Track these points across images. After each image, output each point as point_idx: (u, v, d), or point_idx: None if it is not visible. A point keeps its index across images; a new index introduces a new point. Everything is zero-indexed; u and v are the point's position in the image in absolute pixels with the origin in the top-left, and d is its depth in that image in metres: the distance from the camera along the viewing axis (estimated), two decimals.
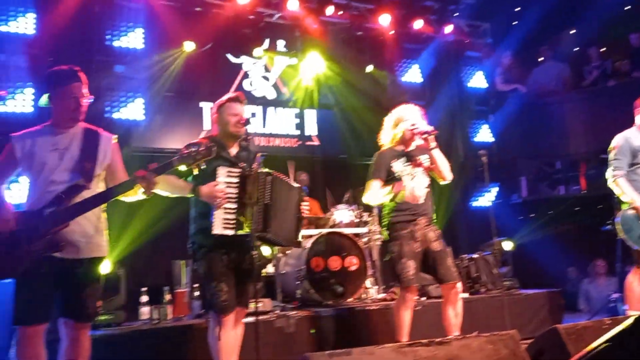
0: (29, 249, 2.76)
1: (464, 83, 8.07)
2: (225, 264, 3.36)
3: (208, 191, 3.25)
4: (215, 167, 3.31)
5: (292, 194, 3.56)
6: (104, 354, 3.81)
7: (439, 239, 4.04)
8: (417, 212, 3.99)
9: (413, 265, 3.90)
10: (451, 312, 3.98)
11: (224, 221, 3.25)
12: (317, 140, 7.30)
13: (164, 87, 6.36)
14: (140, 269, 5.66)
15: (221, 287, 3.31)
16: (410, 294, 3.97)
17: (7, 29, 5.47)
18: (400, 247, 3.92)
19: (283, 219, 3.47)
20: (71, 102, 2.98)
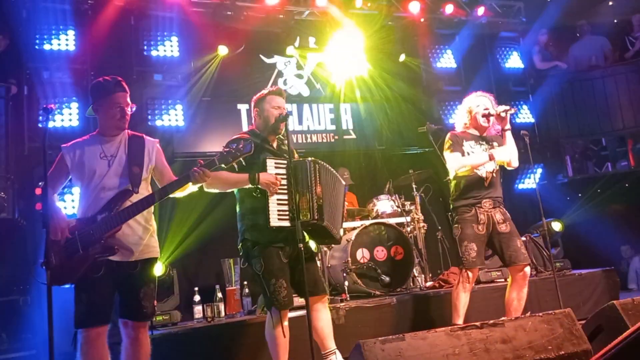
0: (85, 254, 2.88)
1: (501, 65, 7.92)
2: (281, 260, 3.37)
3: (267, 177, 3.29)
4: (263, 158, 3.36)
5: (340, 186, 3.61)
6: (163, 353, 3.95)
7: (508, 221, 4.02)
8: (480, 196, 4.00)
9: (475, 248, 3.92)
10: (514, 295, 3.96)
11: (279, 213, 3.27)
12: (353, 133, 7.31)
13: (201, 92, 6.50)
14: (192, 269, 5.83)
15: (281, 283, 3.32)
16: (471, 275, 3.99)
17: (50, 47, 5.71)
18: (462, 230, 3.97)
19: (333, 208, 3.49)
20: (116, 111, 3.10)
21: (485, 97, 4.19)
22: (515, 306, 3.96)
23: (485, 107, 4.10)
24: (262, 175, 3.30)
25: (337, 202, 3.55)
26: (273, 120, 3.50)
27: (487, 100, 4.17)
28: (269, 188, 3.28)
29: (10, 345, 5.25)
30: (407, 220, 5.76)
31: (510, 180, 7.61)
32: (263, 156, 3.37)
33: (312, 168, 3.39)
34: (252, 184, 3.31)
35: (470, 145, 4.07)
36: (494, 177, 4.06)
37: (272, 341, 3.39)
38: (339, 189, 3.58)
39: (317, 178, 3.39)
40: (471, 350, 3.00)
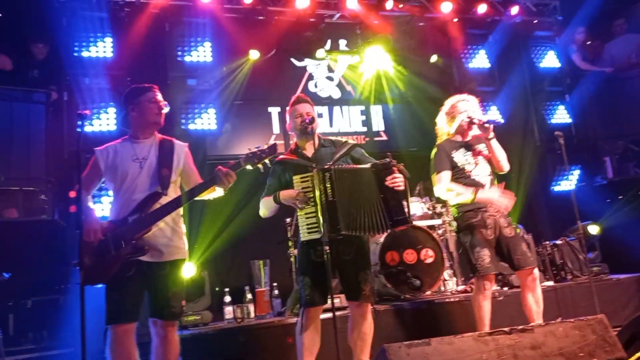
0: (117, 255, 2.99)
1: (536, 64, 7.74)
2: (310, 258, 3.38)
3: (286, 194, 3.36)
4: (291, 177, 3.41)
5: (362, 178, 3.37)
6: (194, 353, 4.03)
7: (510, 225, 3.95)
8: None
9: (488, 253, 3.82)
10: (531, 299, 3.87)
11: (308, 227, 3.31)
12: (385, 135, 7.29)
13: (234, 96, 6.59)
14: (222, 270, 5.92)
15: (306, 281, 3.38)
16: (488, 282, 3.88)
17: (89, 54, 5.90)
18: (472, 236, 3.87)
19: (355, 208, 3.32)
20: (154, 106, 3.23)
21: (468, 102, 4.07)
22: (535, 310, 3.86)
23: (468, 115, 3.97)
24: (281, 194, 3.38)
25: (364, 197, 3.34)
26: (298, 127, 3.58)
27: (471, 105, 4.05)
28: (292, 205, 3.35)
29: (50, 342, 5.43)
30: (438, 223, 5.71)
31: (546, 182, 7.45)
32: (291, 173, 3.43)
33: (322, 179, 3.29)
34: (277, 203, 3.42)
35: (461, 154, 3.99)
36: (492, 180, 4.00)
37: (297, 342, 3.44)
38: (363, 183, 3.36)
39: (327, 187, 3.28)
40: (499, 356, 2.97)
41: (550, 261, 5.64)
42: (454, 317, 4.79)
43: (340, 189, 3.31)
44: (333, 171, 3.33)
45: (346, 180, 3.35)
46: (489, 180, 3.97)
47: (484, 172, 3.98)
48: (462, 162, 3.98)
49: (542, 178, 7.40)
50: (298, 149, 3.63)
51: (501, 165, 4.00)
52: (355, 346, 3.47)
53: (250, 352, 4.28)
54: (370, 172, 3.39)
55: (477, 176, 3.95)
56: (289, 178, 3.43)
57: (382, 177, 3.33)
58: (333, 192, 3.29)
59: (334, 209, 3.27)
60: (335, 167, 3.36)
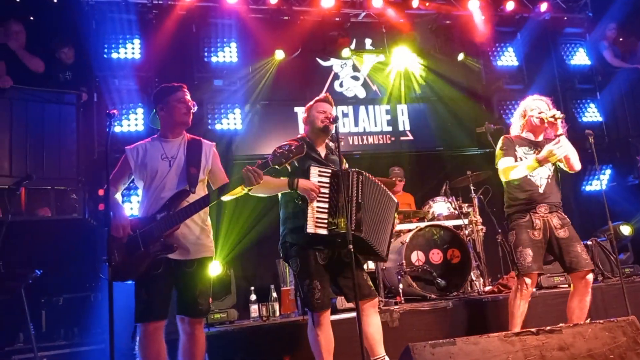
0: (146, 252, 3.03)
1: (565, 62, 7.61)
2: (317, 262, 3.39)
3: (306, 184, 3.32)
4: (308, 166, 3.40)
5: (386, 200, 3.52)
6: (220, 350, 4.07)
7: (566, 225, 3.86)
8: (535, 200, 3.87)
9: (530, 253, 3.79)
10: (576, 303, 3.80)
11: (317, 220, 3.29)
12: (410, 134, 7.25)
13: (259, 96, 6.66)
14: (248, 269, 5.97)
15: (315, 284, 3.35)
16: (529, 282, 3.84)
17: (118, 56, 6.02)
18: (516, 235, 3.86)
19: (376, 223, 3.43)
20: (182, 106, 3.27)
21: (541, 101, 4.02)
22: (577, 315, 3.79)
23: (540, 111, 3.94)
24: (301, 181, 3.34)
25: (382, 217, 3.48)
26: (318, 123, 3.56)
27: (542, 104, 4.01)
28: (307, 194, 3.32)
29: (81, 339, 5.55)
30: (465, 223, 5.65)
31: (577, 182, 7.31)
32: (308, 164, 3.41)
33: (355, 179, 3.35)
34: (291, 189, 3.37)
35: (523, 150, 3.94)
36: (549, 183, 3.92)
37: (311, 342, 3.44)
38: (386, 204, 3.52)
39: (359, 190, 3.34)
40: (526, 357, 2.93)
41: None
42: (480, 317, 4.72)
43: (366, 195, 3.39)
44: (364, 177, 3.41)
45: (372, 191, 3.45)
46: (545, 182, 3.90)
47: (542, 174, 3.91)
48: (522, 158, 3.92)
49: (572, 178, 7.24)
50: (311, 143, 3.60)
51: (572, 163, 3.91)
52: (374, 341, 3.46)
53: (275, 351, 4.29)
54: (393, 203, 3.60)
55: (532, 177, 3.89)
56: (305, 166, 3.41)
57: (395, 213, 3.60)
58: (362, 195, 3.36)
59: (360, 211, 3.33)
60: (367, 175, 3.44)
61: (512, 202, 3.96)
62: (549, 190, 3.91)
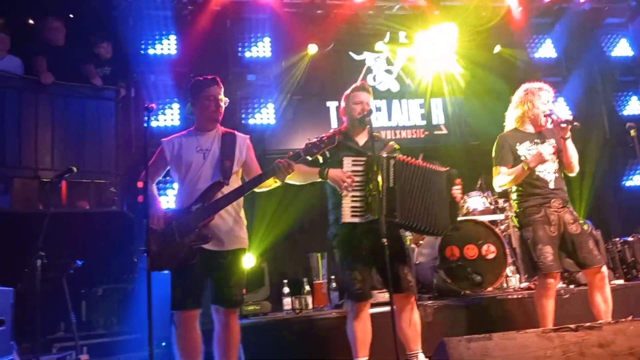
0: (182, 243, 3.09)
1: (606, 53, 7.40)
2: (359, 252, 3.40)
3: (335, 173, 3.33)
4: (342, 157, 3.40)
5: (430, 177, 3.43)
6: (253, 341, 4.12)
7: (577, 221, 3.76)
8: (548, 195, 3.76)
9: (550, 251, 3.66)
10: (599, 297, 3.69)
11: (352, 209, 3.30)
12: (444, 128, 7.16)
13: (292, 91, 6.68)
14: (281, 262, 6.01)
15: (355, 275, 3.37)
16: (552, 280, 3.71)
17: (154, 52, 6.13)
18: (534, 232, 3.71)
19: (420, 203, 3.37)
20: (211, 103, 3.31)
21: (548, 92, 3.86)
22: (604, 309, 3.67)
23: (549, 110, 3.79)
24: (331, 171, 3.35)
25: (425, 195, 3.40)
26: (355, 115, 3.56)
27: (550, 96, 3.86)
28: (337, 184, 3.32)
29: (119, 328, 5.69)
30: (500, 218, 5.55)
31: (617, 177, 7.10)
32: (343, 154, 3.42)
33: (385, 164, 3.32)
34: (321, 178, 3.39)
35: (525, 147, 3.81)
36: (557, 177, 3.80)
37: (349, 333, 3.45)
38: (428, 181, 3.42)
39: (390, 174, 3.31)
40: (564, 354, 2.86)
41: (620, 259, 5.38)
42: (516, 314, 4.65)
43: (401, 179, 3.34)
44: (397, 161, 3.36)
45: (407, 173, 3.39)
46: (554, 177, 3.80)
47: (549, 169, 3.80)
48: (526, 155, 3.81)
49: (612, 172, 7.06)
50: (348, 133, 3.60)
51: (572, 166, 3.83)
52: (408, 338, 3.45)
53: (308, 343, 4.31)
54: (443, 175, 3.49)
55: (541, 172, 3.78)
56: (338, 158, 3.41)
57: (450, 184, 3.48)
58: (394, 179, 3.32)
59: (393, 196, 3.29)
60: (400, 158, 3.41)
61: (524, 197, 3.81)
62: (558, 185, 3.80)
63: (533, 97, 3.87)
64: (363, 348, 3.42)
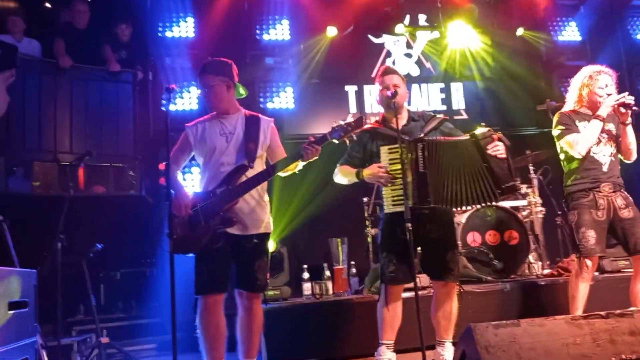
0: (207, 226, 3.06)
1: (632, 36, 7.22)
2: (397, 236, 3.26)
3: (370, 172, 3.30)
4: (378, 148, 3.35)
5: (461, 150, 3.25)
6: (274, 326, 4.10)
7: (630, 206, 3.67)
8: (599, 179, 3.68)
9: (594, 235, 3.60)
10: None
11: (393, 199, 3.24)
12: (465, 113, 7.04)
13: (310, 75, 6.59)
14: (301, 247, 5.99)
15: (390, 258, 3.33)
16: (591, 264, 3.66)
17: (172, 34, 6.08)
18: (578, 216, 3.67)
19: (451, 181, 3.20)
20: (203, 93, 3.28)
21: (607, 75, 3.76)
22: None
23: (608, 93, 3.69)
24: (364, 171, 3.32)
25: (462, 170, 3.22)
26: (382, 100, 3.52)
27: (609, 79, 3.75)
28: (377, 182, 3.30)
29: (138, 312, 5.73)
30: (523, 204, 5.46)
31: None
32: (379, 144, 3.37)
33: (414, 149, 3.23)
34: (358, 179, 3.38)
35: (584, 126, 3.71)
36: (612, 161, 3.71)
37: (378, 314, 3.43)
38: (463, 155, 3.24)
39: (419, 159, 3.22)
40: (594, 341, 2.79)
41: None
42: (539, 301, 4.58)
43: (432, 161, 3.23)
44: (426, 142, 3.26)
45: (441, 152, 3.25)
46: (609, 160, 3.71)
47: (605, 152, 3.72)
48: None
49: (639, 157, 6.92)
50: (385, 121, 3.54)
51: (630, 153, 3.75)
52: (439, 325, 3.42)
53: (327, 328, 4.30)
54: (470, 143, 3.26)
55: (596, 154, 3.70)
56: (376, 148, 3.38)
57: (483, 146, 3.22)
58: (424, 163, 3.23)
59: (424, 181, 3.21)
60: (429, 139, 3.29)
61: (573, 180, 3.75)
62: (612, 168, 3.71)
63: (592, 80, 3.79)
64: (390, 331, 3.40)
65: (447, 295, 3.39)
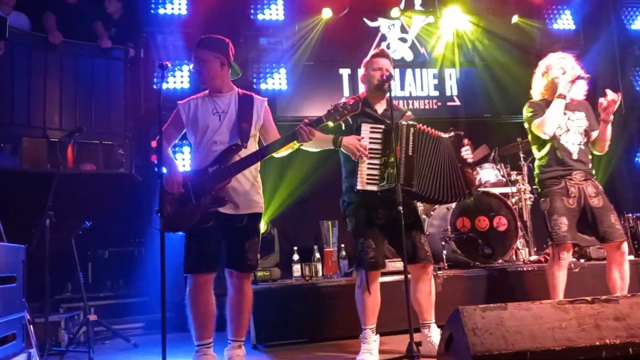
0: (198, 204, 3.05)
1: (626, 26, 7.21)
2: (373, 221, 3.37)
3: (350, 142, 3.27)
4: (360, 123, 3.35)
5: (443, 145, 3.40)
6: (262, 307, 4.13)
7: (600, 194, 3.71)
8: (570, 167, 3.72)
9: (565, 222, 3.64)
10: (616, 274, 3.66)
11: (367, 177, 3.26)
12: (458, 100, 7.03)
13: (305, 56, 6.52)
14: (291, 229, 5.99)
15: (369, 243, 3.35)
16: (564, 252, 3.70)
17: (164, 11, 5.98)
18: (550, 203, 3.70)
19: (434, 172, 3.33)
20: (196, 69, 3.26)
21: (565, 59, 3.80)
22: (620, 285, 3.66)
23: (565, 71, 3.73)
24: (345, 139, 3.29)
25: (441, 164, 3.37)
26: (375, 82, 3.50)
27: (567, 63, 3.79)
28: (351, 153, 3.27)
29: (127, 290, 5.72)
30: (513, 191, 5.50)
31: (631, 153, 7.02)
32: (361, 120, 3.37)
33: (405, 132, 3.28)
34: (335, 146, 3.34)
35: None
36: (581, 149, 3.76)
37: (358, 301, 3.44)
38: (443, 150, 3.39)
39: (409, 142, 3.27)
40: (580, 325, 2.82)
41: (632, 234, 5.34)
42: (525, 286, 4.65)
43: (419, 148, 3.31)
44: (416, 129, 3.32)
45: (427, 142, 3.36)
46: (578, 149, 3.76)
47: (574, 140, 3.77)
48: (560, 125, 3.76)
49: (627, 148, 6.97)
50: (367, 102, 3.52)
51: (603, 146, 3.81)
52: (422, 308, 3.47)
53: (316, 310, 4.32)
54: (449, 141, 3.43)
55: (566, 142, 3.75)
56: (357, 124, 3.36)
57: (458, 147, 3.42)
58: (413, 148, 3.28)
59: (411, 165, 3.25)
60: (420, 125, 3.36)
61: (545, 168, 3.79)
62: (582, 156, 3.76)
63: (551, 68, 3.83)
64: (372, 316, 3.44)
65: (427, 277, 3.46)
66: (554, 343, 2.52)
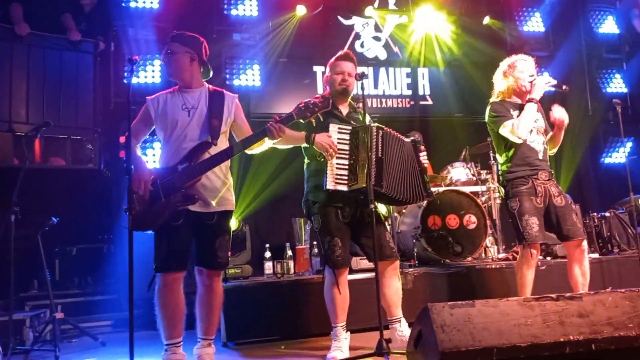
0: (167, 202, 3.00)
1: (593, 30, 7.40)
2: (339, 219, 3.40)
3: (322, 139, 3.29)
4: (328, 123, 3.36)
5: (406, 148, 3.48)
6: (233, 304, 4.11)
7: (562, 194, 3.80)
8: (537, 167, 3.78)
9: (536, 222, 3.69)
10: (578, 271, 3.74)
11: (336, 177, 3.27)
12: (430, 99, 7.10)
13: (279, 53, 6.50)
14: (263, 226, 5.97)
15: (335, 242, 3.38)
16: (535, 251, 3.76)
17: (136, 5, 5.88)
18: (520, 203, 3.73)
19: (399, 174, 3.41)
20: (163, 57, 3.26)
21: (527, 62, 3.87)
22: (582, 282, 3.74)
23: (530, 74, 3.81)
24: (318, 136, 3.31)
25: (405, 166, 3.45)
26: (336, 86, 3.53)
27: (527, 65, 3.85)
28: (323, 150, 3.29)
29: (94, 288, 5.62)
30: (482, 190, 5.59)
31: (597, 154, 7.20)
32: (328, 121, 3.39)
33: (375, 134, 3.32)
34: (307, 143, 3.35)
35: (516, 115, 3.78)
36: (545, 149, 3.84)
37: (327, 299, 3.47)
38: (407, 153, 3.47)
39: (379, 144, 3.31)
40: (545, 322, 2.88)
41: (596, 233, 5.48)
42: (494, 284, 4.73)
43: (386, 150, 3.36)
44: (384, 131, 3.37)
45: (393, 145, 3.42)
46: (542, 149, 3.83)
47: (539, 140, 3.83)
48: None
49: (593, 149, 7.14)
50: (332, 102, 3.51)
51: (554, 149, 3.96)
52: (391, 303, 3.50)
53: (287, 307, 4.32)
54: (411, 145, 3.52)
55: (532, 143, 3.80)
56: (325, 124, 3.38)
57: (417, 152, 3.52)
58: (382, 150, 3.33)
59: (381, 166, 3.30)
60: (386, 128, 3.41)
61: (512, 168, 3.82)
62: (545, 157, 3.84)
63: (512, 69, 3.87)
64: (342, 313, 3.47)
65: (393, 273, 3.50)
66: (519, 339, 2.57)
